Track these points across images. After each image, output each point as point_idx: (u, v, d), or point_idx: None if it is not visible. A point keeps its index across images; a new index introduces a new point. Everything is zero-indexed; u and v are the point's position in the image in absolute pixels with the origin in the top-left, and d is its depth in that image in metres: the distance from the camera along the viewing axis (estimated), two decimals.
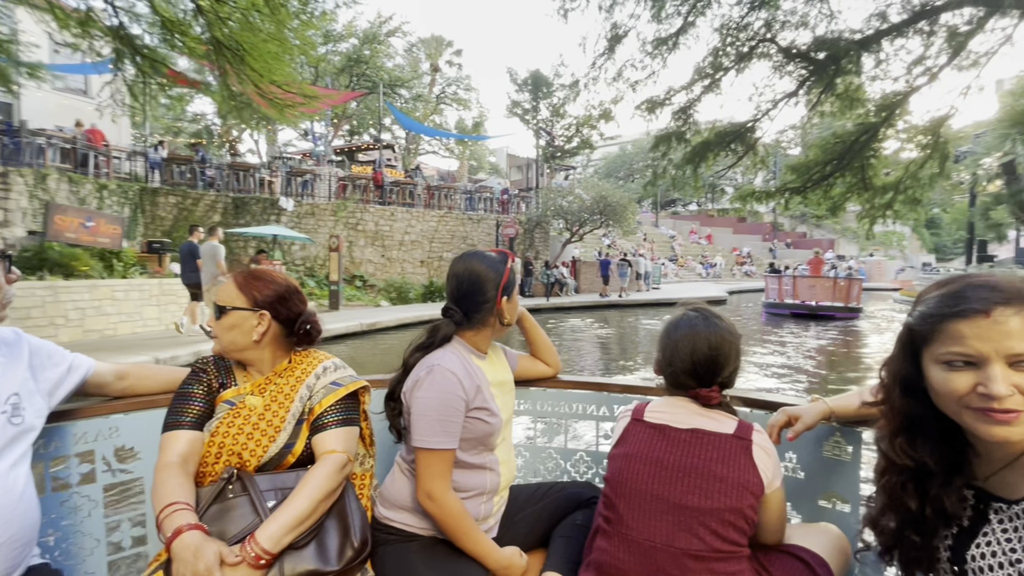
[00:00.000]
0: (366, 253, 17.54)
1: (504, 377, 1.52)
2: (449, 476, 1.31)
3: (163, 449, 1.21)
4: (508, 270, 1.44)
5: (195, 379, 1.32)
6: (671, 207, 56.41)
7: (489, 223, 20.41)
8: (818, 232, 45.43)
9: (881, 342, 14.18)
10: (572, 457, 1.85)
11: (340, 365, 1.40)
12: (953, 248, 44.44)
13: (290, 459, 1.27)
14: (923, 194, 14.16)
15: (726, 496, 1.13)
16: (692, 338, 1.25)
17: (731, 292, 26.55)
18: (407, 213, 18.43)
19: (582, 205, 20.28)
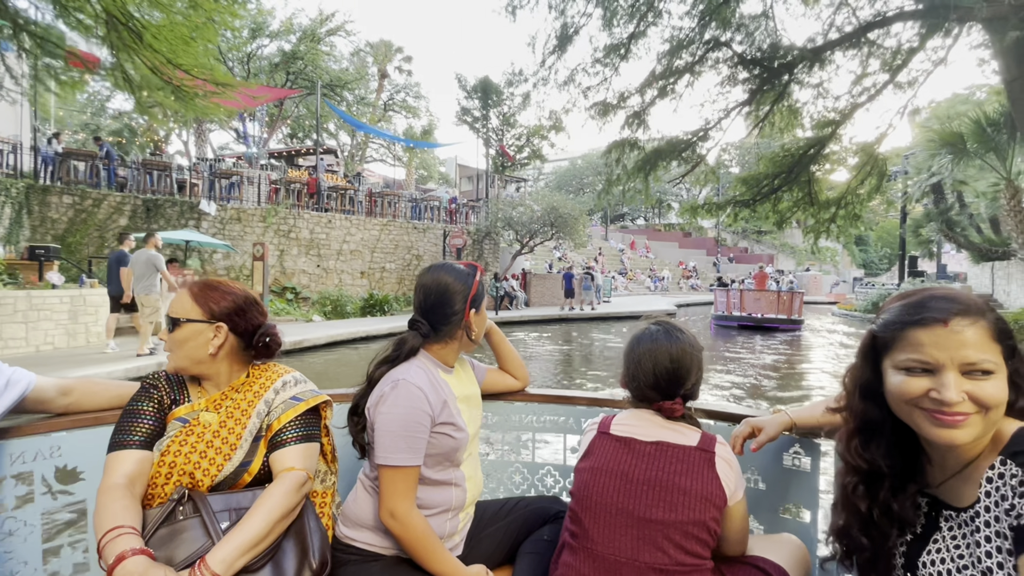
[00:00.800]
0: (299, 263, 16.17)
1: (471, 391, 1.49)
2: (413, 494, 1.27)
3: (108, 470, 1.13)
4: (477, 283, 1.43)
5: (145, 395, 1.25)
6: (620, 221, 57.30)
7: (436, 233, 19.46)
8: (758, 247, 47.25)
9: (828, 355, 14.24)
10: (539, 471, 1.82)
11: (301, 379, 1.35)
12: (879, 264, 47.29)
13: (246, 478, 1.22)
14: (862, 209, 14.50)
15: (690, 509, 1.13)
16: (654, 351, 1.26)
17: (679, 305, 26.73)
18: (346, 221, 17.21)
19: (532, 216, 19.71)
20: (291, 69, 18.97)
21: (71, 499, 1.37)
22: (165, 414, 1.24)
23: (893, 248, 48.70)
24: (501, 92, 22.91)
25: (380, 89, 37.08)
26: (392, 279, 18.27)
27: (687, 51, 9.31)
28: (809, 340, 16.04)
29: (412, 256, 18.82)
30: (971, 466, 0.84)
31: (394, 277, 18.35)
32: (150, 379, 1.29)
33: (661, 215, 57.12)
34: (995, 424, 0.82)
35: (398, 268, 18.44)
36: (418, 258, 18.95)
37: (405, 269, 18.63)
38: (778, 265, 43.04)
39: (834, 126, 11.50)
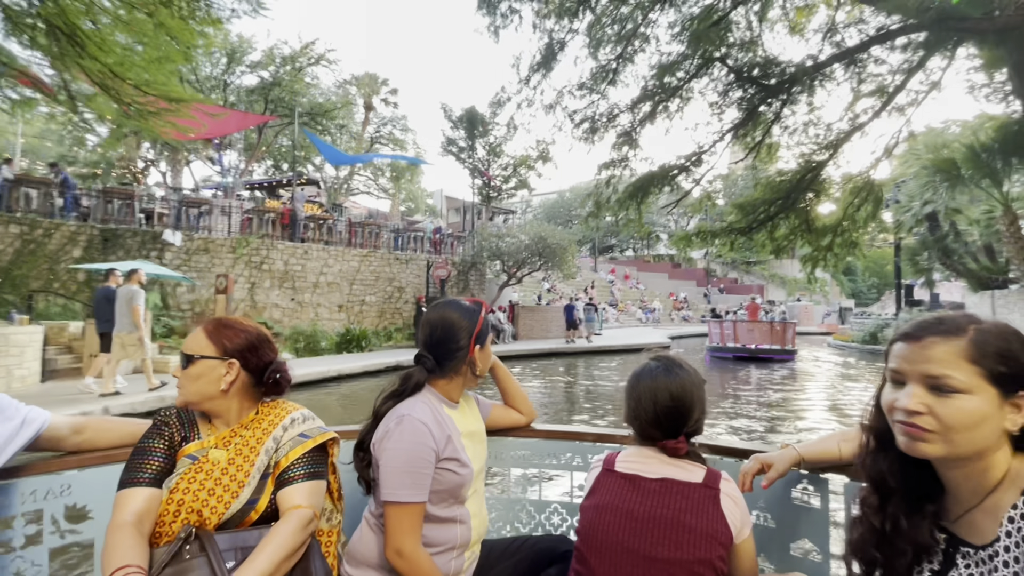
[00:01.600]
0: (272, 296, 15.20)
1: (475, 427, 1.49)
2: (419, 531, 1.26)
3: (117, 508, 1.13)
4: (482, 319, 1.44)
5: (156, 433, 1.25)
6: (608, 252, 57.10)
7: (419, 264, 18.66)
8: (748, 278, 47.08)
9: (825, 385, 13.47)
10: (546, 509, 1.79)
11: (309, 416, 1.35)
12: (868, 293, 47.23)
13: (253, 516, 1.20)
14: (859, 237, 14.01)
15: (695, 547, 1.11)
16: (653, 389, 1.24)
17: (673, 337, 25.95)
18: (324, 251, 16.36)
19: (520, 246, 19.03)
20: (269, 97, 18.44)
21: (79, 538, 1.36)
22: (175, 451, 1.24)
23: (881, 277, 48.82)
24: (487, 122, 22.61)
25: (366, 122, 36.92)
26: (372, 313, 17.33)
27: (680, 68, 8.82)
28: (806, 370, 15.69)
29: (394, 288, 17.95)
30: (989, 501, 0.83)
31: (374, 311, 17.41)
32: (161, 416, 1.28)
33: (650, 246, 57.08)
34: (975, 446, 0.82)
35: (379, 301, 17.53)
36: (400, 290, 18.07)
37: (386, 302, 17.71)
38: (768, 295, 42.76)
39: (832, 149, 11.07)
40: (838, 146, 11.18)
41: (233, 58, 17.69)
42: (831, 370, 16.09)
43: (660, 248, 56.62)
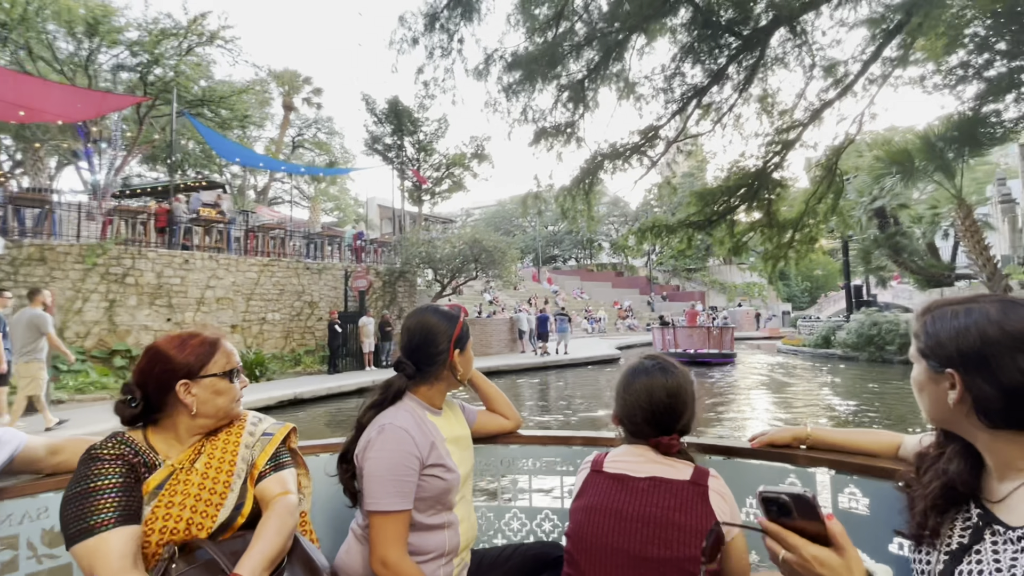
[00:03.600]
0: (140, 316, 12.15)
1: (460, 432, 1.48)
2: (405, 540, 1.25)
3: (108, 556, 1.00)
4: (461, 323, 1.44)
5: (121, 467, 1.11)
6: (551, 263, 55.97)
7: (335, 274, 16.02)
8: (689, 284, 47.16)
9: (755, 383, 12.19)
10: (537, 516, 1.78)
11: (260, 416, 1.37)
12: (802, 298, 48.44)
13: (240, 520, 1.19)
14: (819, 232, 12.92)
15: (685, 545, 1.10)
16: (650, 386, 1.25)
17: (620, 348, 24.49)
18: (211, 260, 13.45)
19: (454, 252, 16.83)
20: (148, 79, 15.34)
21: (57, 563, 1.31)
22: (140, 483, 1.14)
23: (813, 281, 50.35)
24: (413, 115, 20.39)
25: (285, 124, 33.66)
26: (276, 333, 14.51)
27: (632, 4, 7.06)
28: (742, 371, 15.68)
29: (303, 303, 15.21)
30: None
31: (279, 330, 14.59)
32: (112, 450, 1.13)
33: (592, 255, 56.45)
34: (928, 413, 0.88)
35: (285, 319, 14.74)
36: (311, 305, 15.35)
37: (294, 319, 14.94)
38: (709, 302, 42.83)
39: (801, 128, 9.78)
40: (807, 125, 9.90)
41: (96, 30, 14.49)
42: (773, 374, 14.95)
43: (603, 257, 56.12)
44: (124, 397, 1.20)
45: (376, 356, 14.91)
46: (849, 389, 12.73)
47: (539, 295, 36.79)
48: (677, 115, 8.67)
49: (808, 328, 21.38)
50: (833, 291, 41.78)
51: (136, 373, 1.20)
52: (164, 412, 1.21)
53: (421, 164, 21.88)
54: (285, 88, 32.69)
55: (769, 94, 9.00)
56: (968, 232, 13.44)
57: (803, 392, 12.34)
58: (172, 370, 1.18)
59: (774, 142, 9.66)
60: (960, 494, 0.86)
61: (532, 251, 52.33)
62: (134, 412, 1.19)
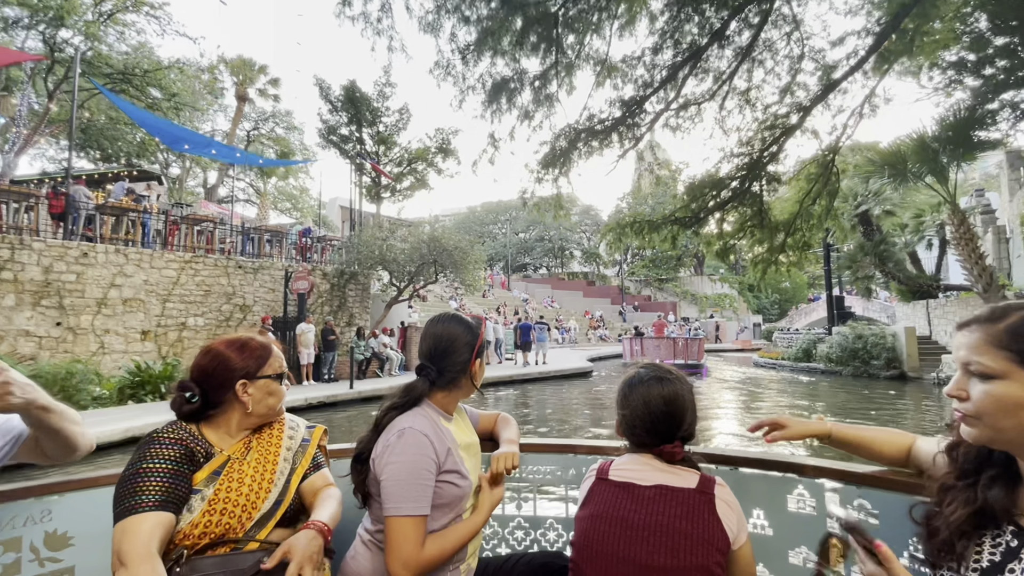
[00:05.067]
0: (19, 319, 10.03)
1: (471, 439, 1.49)
2: (423, 545, 1.23)
3: (137, 539, 1.05)
4: (482, 334, 1.47)
5: (182, 453, 1.20)
6: (522, 271, 54.60)
7: (274, 274, 14.10)
8: (661, 295, 46.46)
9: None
10: (542, 525, 1.76)
11: (295, 418, 1.46)
12: (771, 310, 48.40)
13: (279, 514, 1.26)
14: (812, 236, 11.81)
15: (692, 554, 1.09)
16: (647, 396, 1.24)
17: (592, 359, 23.12)
18: (117, 254, 11.41)
19: (411, 252, 15.13)
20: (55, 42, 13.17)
21: (60, 566, 1.30)
22: (196, 468, 1.22)
23: (782, 294, 50.46)
24: (372, 104, 18.67)
25: (239, 116, 31.33)
26: (199, 340, 12.49)
27: None
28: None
29: (234, 306, 13.23)
30: None
31: (202, 337, 12.58)
32: (177, 434, 1.23)
33: (564, 264, 55.36)
34: (1021, 434, 0.81)
35: (210, 324, 12.74)
36: (244, 309, 13.39)
37: (222, 325, 12.95)
38: (681, 312, 42.15)
39: (804, 112, 8.60)
40: (810, 108, 8.72)
41: None
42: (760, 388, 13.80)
43: (575, 266, 55.08)
44: (182, 393, 1.27)
45: (317, 368, 13.04)
46: (842, 404, 11.58)
47: (508, 303, 35.28)
48: (668, 83, 7.33)
49: (786, 341, 20.43)
50: (803, 303, 41.71)
51: (195, 371, 1.30)
52: (219, 409, 1.30)
53: (381, 158, 20.10)
54: (239, 77, 30.42)
55: (778, 58, 7.75)
56: (963, 240, 12.59)
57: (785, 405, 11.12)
58: (233, 370, 1.29)
59: (773, 126, 8.43)
60: (993, 517, 0.84)
61: (502, 258, 50.88)
62: (193, 407, 1.27)
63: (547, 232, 52.65)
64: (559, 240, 52.72)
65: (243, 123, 32.53)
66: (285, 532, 1.25)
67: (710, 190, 9.37)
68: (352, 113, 18.89)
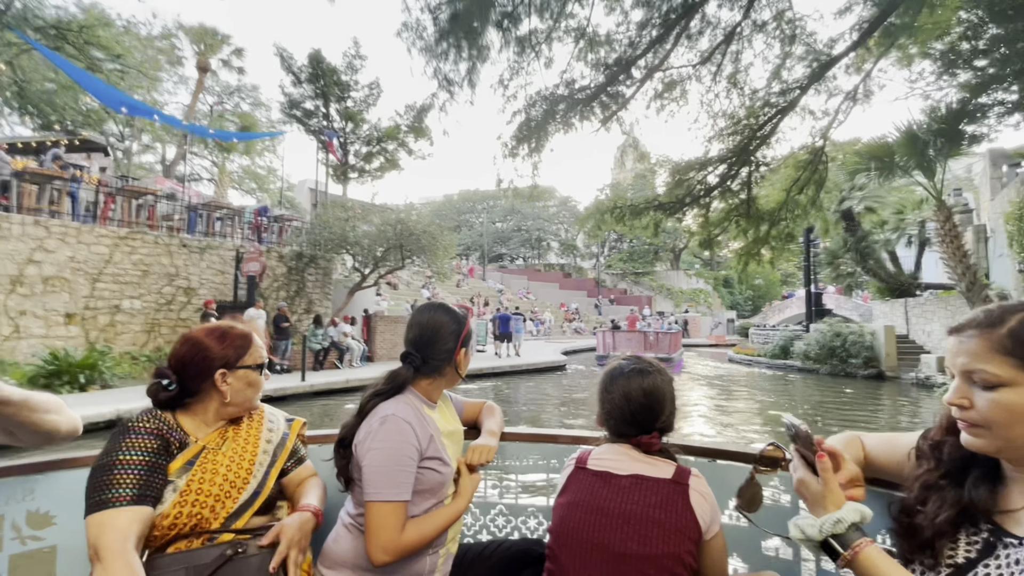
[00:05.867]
0: None
1: (454, 427, 1.51)
2: (403, 529, 1.25)
3: (115, 533, 1.04)
4: (469, 324, 1.48)
5: (153, 441, 1.18)
6: (498, 261, 53.73)
7: (223, 255, 12.93)
8: (637, 288, 46.22)
9: None
10: (522, 513, 1.79)
11: (273, 410, 1.46)
12: (744, 306, 48.71)
13: (256, 504, 1.26)
14: (796, 228, 11.31)
15: (664, 542, 1.12)
16: (627, 388, 1.26)
17: (566, 352, 22.50)
18: (37, 226, 10.14)
19: (379, 235, 14.12)
20: None
21: (41, 544, 1.32)
22: (171, 458, 1.20)
23: (755, 290, 50.84)
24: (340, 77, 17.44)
25: (199, 88, 29.46)
26: (135, 325, 11.31)
27: None
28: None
29: (177, 289, 12.05)
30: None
31: (139, 322, 11.40)
32: (152, 423, 1.21)
33: (541, 255, 54.65)
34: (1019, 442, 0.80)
35: (149, 308, 11.56)
36: (189, 292, 12.22)
37: (162, 309, 11.77)
38: (656, 307, 41.96)
39: (801, 91, 7.96)
40: (806, 88, 8.08)
41: None
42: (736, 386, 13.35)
43: (551, 257, 54.45)
44: (158, 381, 1.24)
45: (270, 362, 11.98)
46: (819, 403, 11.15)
47: (483, 293, 34.42)
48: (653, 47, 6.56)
49: (762, 337, 20.13)
50: (776, 300, 41.96)
51: (173, 359, 1.27)
52: (196, 398, 1.28)
53: (349, 136, 18.88)
54: (200, 47, 28.56)
55: (769, 40, 7.05)
56: (948, 237, 12.25)
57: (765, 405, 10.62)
58: (212, 359, 1.27)
59: (768, 104, 7.75)
60: (974, 515, 0.85)
61: (478, 248, 49.85)
62: (169, 395, 1.25)
63: (524, 222, 51.89)
64: (536, 231, 52.01)
65: (206, 97, 30.71)
66: (262, 519, 1.26)
67: (696, 172, 8.69)
68: (318, 86, 17.61)
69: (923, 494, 0.91)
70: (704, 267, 52.01)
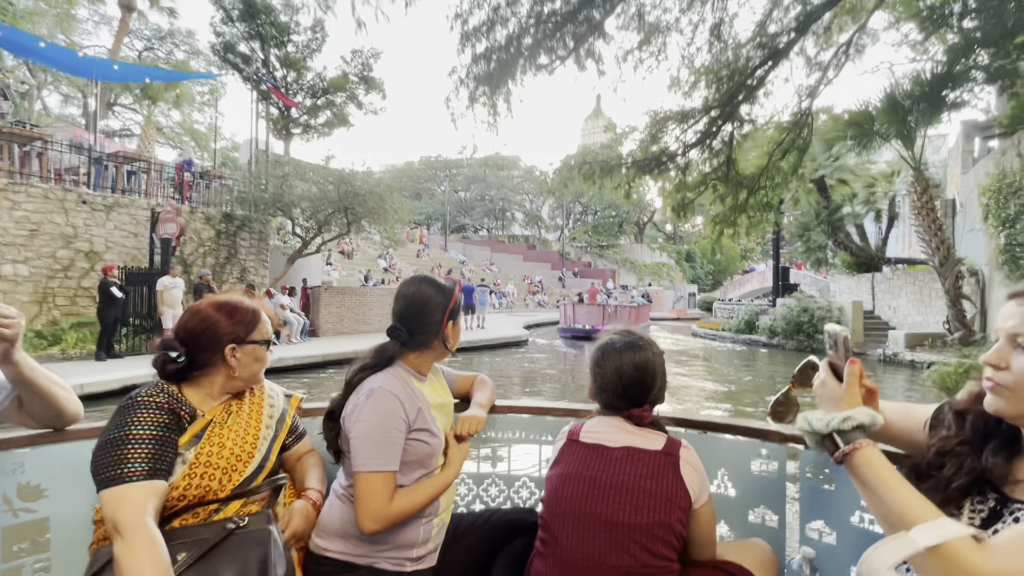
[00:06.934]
0: None
1: (444, 399, 1.52)
2: (391, 499, 1.26)
3: (134, 505, 1.02)
4: (456, 296, 1.47)
5: (168, 418, 1.17)
6: (461, 232, 52.16)
7: (135, 213, 11.19)
8: (601, 261, 45.82)
9: None
10: (515, 483, 1.81)
11: (273, 386, 1.45)
12: (705, 280, 49.16)
13: (261, 478, 1.27)
14: (775, 196, 10.57)
15: (655, 511, 1.14)
16: (619, 362, 1.27)
17: (529, 326, 21.66)
18: None
19: (320, 196, 12.60)
20: None
21: (33, 516, 1.32)
22: (181, 431, 1.20)
23: (716, 265, 51.32)
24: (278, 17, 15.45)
25: (123, 30, 26.17)
26: (22, 295, 9.60)
27: None
28: None
29: (76, 253, 10.32)
30: None
31: (26, 291, 9.69)
32: (163, 397, 1.18)
33: (505, 226, 53.36)
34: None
35: (39, 274, 9.84)
36: (91, 256, 10.51)
37: (57, 276, 10.07)
38: (620, 280, 41.70)
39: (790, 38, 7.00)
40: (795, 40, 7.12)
41: None
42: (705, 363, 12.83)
43: (516, 228, 53.25)
44: (166, 352, 1.22)
45: None
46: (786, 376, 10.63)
47: (444, 264, 33.08)
48: None
49: (727, 312, 19.78)
50: (737, 275, 42.37)
51: (182, 331, 1.25)
52: (203, 371, 1.26)
53: (291, 86, 16.93)
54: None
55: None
56: (924, 210, 11.80)
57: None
58: (222, 335, 1.25)
59: (759, 46, 6.75)
60: (984, 484, 0.84)
61: (440, 218, 48.08)
62: (177, 367, 1.23)
63: (488, 191, 50.33)
64: (500, 201, 50.56)
65: (133, 42, 27.48)
66: (266, 487, 1.27)
67: (677, 126, 7.68)
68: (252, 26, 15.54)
69: (938, 460, 0.90)
70: (667, 241, 52.07)
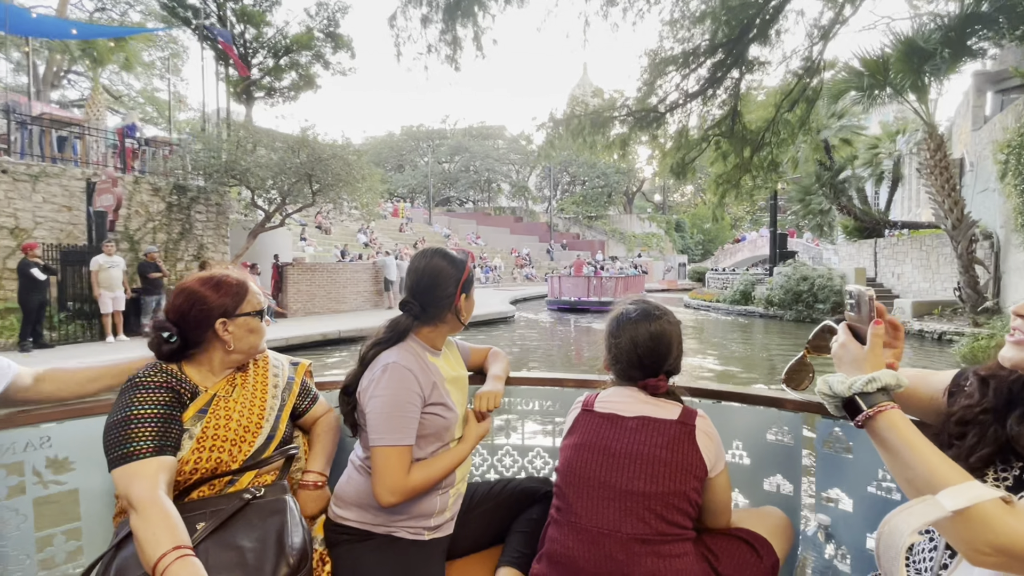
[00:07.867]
0: None
1: (459, 373, 1.52)
2: (408, 472, 1.27)
3: (145, 480, 1.05)
4: (468, 268, 1.46)
5: (164, 394, 1.19)
6: (446, 205, 50.68)
7: (67, 184, 9.94)
8: (590, 233, 44.84)
9: None
10: (529, 453, 1.83)
11: (277, 355, 1.45)
12: (695, 250, 48.47)
13: (270, 449, 1.28)
14: (781, 154, 9.62)
15: (670, 480, 1.14)
16: (634, 332, 1.27)
17: (515, 301, 20.77)
18: None
19: (282, 163, 11.38)
20: None
21: (63, 488, 1.35)
22: (184, 408, 1.22)
23: (706, 235, 50.56)
24: None
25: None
26: None
27: None
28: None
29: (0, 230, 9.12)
30: None
31: None
32: (162, 375, 1.21)
33: (491, 198, 51.91)
34: None
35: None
36: (16, 232, 9.31)
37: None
38: (609, 251, 40.86)
39: None
40: None
41: None
42: None
43: (502, 200, 51.87)
44: (159, 333, 1.22)
45: (136, 318, 9.43)
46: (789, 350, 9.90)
47: (428, 238, 31.88)
48: None
49: (720, 282, 19.01)
50: (728, 244, 41.68)
51: (171, 311, 1.24)
52: (200, 348, 1.26)
53: (249, 44, 15.41)
54: None
55: None
56: (937, 168, 10.92)
57: None
58: (210, 309, 1.24)
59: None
60: (1008, 453, 0.83)
61: (424, 190, 46.54)
62: (172, 347, 1.23)
63: (473, 162, 48.68)
64: (486, 171, 49.01)
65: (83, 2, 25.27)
66: (278, 458, 1.28)
67: (677, 70, 6.64)
68: None
69: (959, 429, 0.89)
70: (656, 211, 51.10)
